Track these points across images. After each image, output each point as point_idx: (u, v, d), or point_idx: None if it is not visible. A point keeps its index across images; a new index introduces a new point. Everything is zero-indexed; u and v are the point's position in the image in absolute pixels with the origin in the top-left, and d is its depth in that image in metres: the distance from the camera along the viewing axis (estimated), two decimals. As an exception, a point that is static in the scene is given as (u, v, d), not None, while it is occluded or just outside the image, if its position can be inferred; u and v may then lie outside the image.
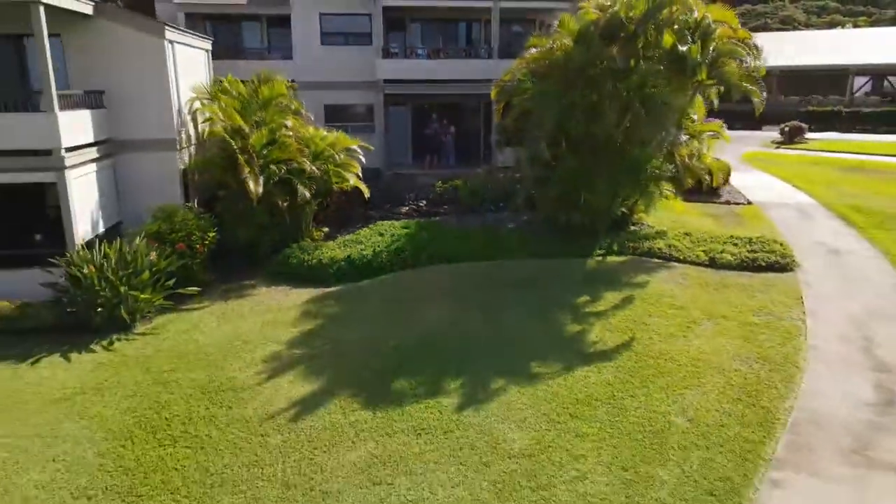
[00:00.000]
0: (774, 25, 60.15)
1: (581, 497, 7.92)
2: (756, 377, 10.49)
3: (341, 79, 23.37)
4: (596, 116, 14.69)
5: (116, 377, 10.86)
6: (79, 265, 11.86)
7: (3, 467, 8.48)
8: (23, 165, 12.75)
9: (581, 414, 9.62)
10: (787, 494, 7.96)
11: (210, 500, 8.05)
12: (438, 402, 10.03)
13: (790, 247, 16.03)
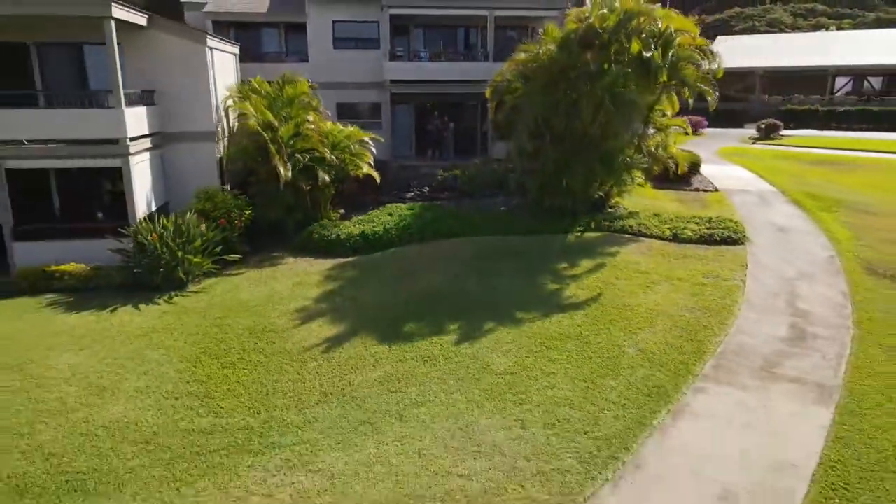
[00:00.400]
0: (762, 28, 62.60)
1: (550, 398, 10.46)
2: (697, 321, 13.01)
3: (352, 79, 25.89)
4: (575, 113, 17.23)
5: (180, 321, 13.41)
6: (144, 234, 14.40)
7: (109, 377, 11.04)
8: (94, 152, 15.30)
9: (553, 346, 12.15)
10: (707, 397, 10.49)
11: (265, 402, 10.60)
12: (440, 338, 12.57)
13: (744, 225, 18.55)
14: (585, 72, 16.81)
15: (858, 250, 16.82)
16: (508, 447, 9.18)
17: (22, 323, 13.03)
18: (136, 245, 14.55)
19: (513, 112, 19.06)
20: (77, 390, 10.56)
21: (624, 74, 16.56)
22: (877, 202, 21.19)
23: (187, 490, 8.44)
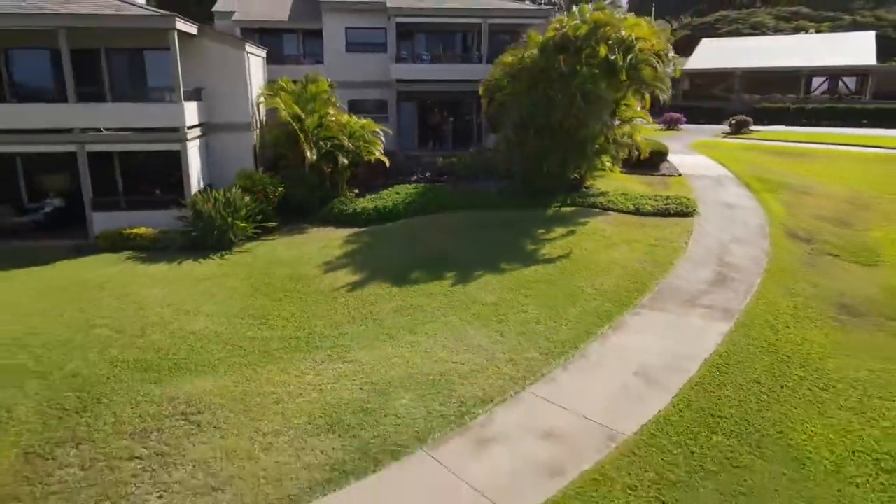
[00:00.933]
0: (745, 30, 66.00)
1: (522, 319, 13.91)
2: (644, 270, 16.46)
3: (362, 79, 29.29)
4: (553, 108, 20.65)
5: (233, 271, 16.88)
6: (201, 204, 17.85)
7: (190, 304, 14.51)
8: (158, 138, 18.77)
9: (528, 287, 15.60)
10: (641, 318, 13.94)
11: (307, 322, 14.04)
12: (440, 282, 16.02)
13: (696, 202, 21.98)
14: (561, 73, 20.22)
15: (786, 221, 20.30)
16: (489, 346, 12.65)
17: (113, 269, 16.50)
18: (194, 213, 18.00)
19: (501, 108, 22.52)
20: (169, 311, 14.03)
21: (593, 75, 19.97)
22: (815, 185, 24.67)
23: (259, 370, 11.90)
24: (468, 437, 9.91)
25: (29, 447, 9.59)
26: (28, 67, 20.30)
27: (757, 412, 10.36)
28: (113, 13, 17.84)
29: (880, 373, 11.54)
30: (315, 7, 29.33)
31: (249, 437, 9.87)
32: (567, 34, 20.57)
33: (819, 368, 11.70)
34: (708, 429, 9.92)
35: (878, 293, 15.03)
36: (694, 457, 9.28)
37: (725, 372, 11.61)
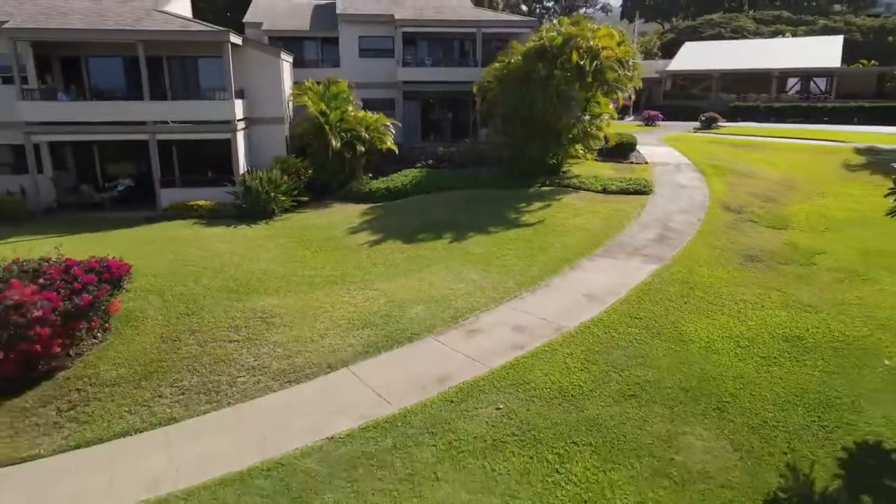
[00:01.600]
0: (727, 34, 70.40)
1: (503, 263, 18.37)
2: (601, 231, 20.94)
3: (373, 80, 33.69)
4: (533, 105, 25.10)
5: (277, 232, 21.38)
6: (249, 181, 22.33)
7: (250, 254, 18.99)
8: (214, 129, 23.26)
9: (509, 243, 20.08)
10: (593, 262, 18.41)
11: (340, 266, 18.50)
12: (440, 241, 20.49)
13: (654, 183, 26.47)
14: (540, 76, 24.69)
15: (725, 198, 24.79)
16: (478, 279, 17.14)
17: (186, 231, 20.99)
18: (243, 188, 22.46)
19: (492, 105, 27.02)
20: (236, 257, 18.53)
21: (566, 77, 24.44)
22: (757, 170, 29.15)
23: (309, 295, 16.38)
24: (461, 330, 14.43)
25: (162, 335, 14.10)
26: (104, 72, 24.75)
27: (662, 316, 14.87)
28: (181, 29, 22.34)
29: (758, 295, 16.04)
30: (332, 18, 33.80)
31: (309, 330, 14.37)
32: (545, 44, 25.07)
33: (715, 292, 16.21)
34: (625, 324, 14.44)
35: (778, 247, 19.54)
36: (612, 338, 13.81)
37: (647, 293, 16.12)
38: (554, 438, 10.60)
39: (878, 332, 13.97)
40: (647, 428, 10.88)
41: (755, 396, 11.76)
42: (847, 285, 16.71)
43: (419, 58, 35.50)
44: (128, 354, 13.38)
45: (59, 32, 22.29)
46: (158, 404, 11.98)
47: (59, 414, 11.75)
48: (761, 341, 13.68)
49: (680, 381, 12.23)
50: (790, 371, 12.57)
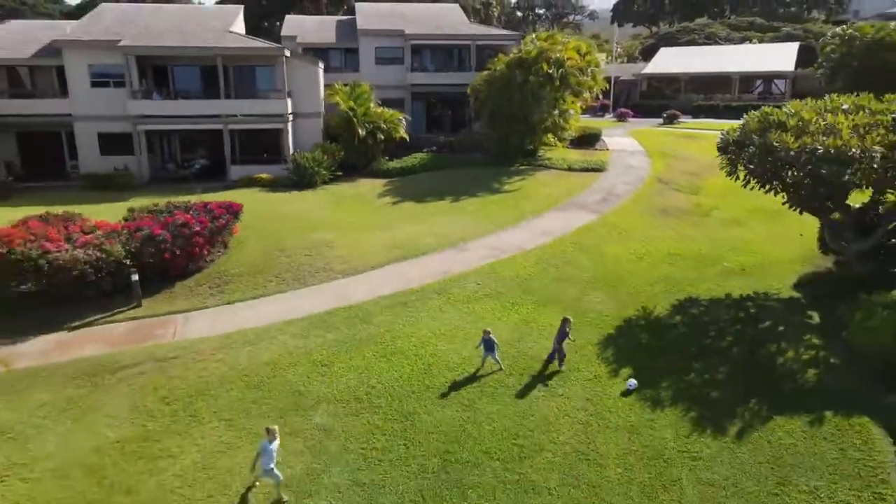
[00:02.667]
0: (701, 40, 77.81)
1: (488, 215, 25.88)
2: (562, 196, 28.43)
3: (386, 83, 40.98)
4: (513, 104, 32.56)
5: (322, 197, 28.85)
6: (299, 159, 29.80)
7: (306, 209, 26.52)
8: (271, 121, 30.78)
9: (492, 203, 27.61)
10: (551, 214, 25.96)
11: (372, 218, 26.00)
12: (442, 201, 27.97)
13: (609, 164, 33.95)
14: (518, 81, 32.16)
15: (660, 174, 32.29)
16: (469, 225, 24.67)
17: (255, 195, 28.43)
18: (294, 165, 29.91)
19: (482, 104, 34.47)
20: (297, 211, 26.00)
21: (538, 82, 31.87)
22: (693, 155, 36.62)
23: (352, 233, 23.79)
24: (456, 250, 21.99)
25: (262, 251, 21.59)
26: (185, 77, 32.21)
27: (591, 242, 22.43)
28: (249, 46, 29.86)
29: (659, 232, 23.54)
30: (353, 32, 41.30)
31: (356, 250, 21.89)
32: (523, 56, 32.57)
33: (630, 231, 23.74)
34: (565, 247, 21.99)
35: (687, 205, 27.08)
36: (554, 253, 21.35)
37: (584, 231, 23.67)
38: (510, 297, 18.14)
39: (730, 253, 21.53)
40: (567, 293, 18.43)
41: (636, 280, 19.29)
42: (725, 228, 24.29)
43: (424, 64, 42.95)
44: (243, 261, 20.91)
45: (162, 49, 29.89)
46: (267, 286, 19.52)
47: (211, 289, 19.29)
48: (651, 255, 21.24)
49: (592, 274, 19.78)
50: (662, 269, 20.11)
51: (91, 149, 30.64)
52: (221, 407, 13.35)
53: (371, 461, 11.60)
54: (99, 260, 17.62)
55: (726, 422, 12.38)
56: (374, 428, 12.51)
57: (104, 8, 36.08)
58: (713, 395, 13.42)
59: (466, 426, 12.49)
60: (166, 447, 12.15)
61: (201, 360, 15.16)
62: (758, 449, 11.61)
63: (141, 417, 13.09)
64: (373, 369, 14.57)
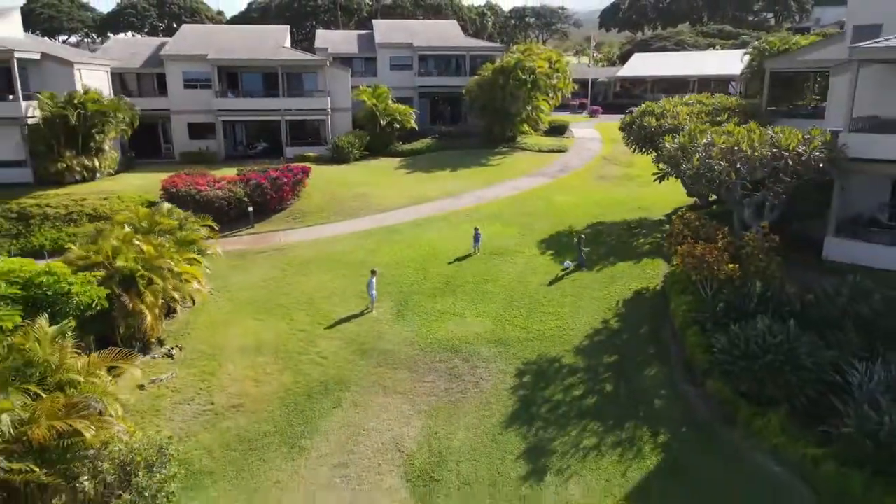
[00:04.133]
0: (671, 47, 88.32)
1: (476, 178, 36.56)
2: (531, 168, 39.07)
3: (398, 85, 51.43)
4: (496, 101, 43.18)
5: (355, 169, 39.42)
6: (338, 142, 40.37)
7: (346, 175, 37.17)
8: (315, 114, 41.38)
9: (480, 172, 38.28)
10: (521, 179, 36.61)
11: (391, 181, 36.65)
12: (443, 171, 38.64)
13: (571, 147, 44.58)
14: (500, 84, 42.74)
15: (607, 153, 42.92)
16: (463, 184, 35.36)
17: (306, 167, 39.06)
18: (334, 146, 40.47)
19: (474, 101, 45.12)
20: (340, 176, 36.59)
21: (515, 84, 42.48)
22: (638, 140, 47.19)
23: (379, 188, 34.43)
24: (452, 198, 32.67)
25: (322, 198, 32.23)
26: (250, 80, 42.73)
27: (545, 194, 33.12)
28: (301, 58, 40.42)
29: (594, 190, 34.22)
30: (371, 44, 51.88)
31: (386, 198, 32.53)
32: (503, 65, 43.19)
33: (575, 188, 34.38)
34: (526, 197, 32.67)
35: (619, 174, 37.71)
36: (519, 201, 32.03)
37: (542, 188, 34.33)
38: (487, 221, 28.72)
39: (635, 200, 32.09)
40: (523, 220, 29.04)
41: (570, 215, 29.89)
42: (640, 188, 34.81)
43: (429, 70, 53.42)
44: (311, 204, 31.53)
45: (238, 60, 40.55)
46: (329, 217, 30.15)
47: (294, 219, 29.94)
48: (584, 202, 31.83)
49: (542, 211, 30.41)
50: (589, 209, 30.74)
51: (182, 134, 41.21)
52: (318, 268, 23.97)
53: (406, 287, 22.17)
54: (228, 197, 28.23)
55: (594, 265, 22.99)
56: (406, 274, 23.10)
57: (186, 28, 46.72)
58: (594, 257, 24.00)
59: (458, 272, 23.11)
60: (294, 280, 22.81)
61: (301, 250, 25.81)
62: (600, 272, 22.25)
63: (276, 271, 23.74)
64: (403, 253, 25.17)
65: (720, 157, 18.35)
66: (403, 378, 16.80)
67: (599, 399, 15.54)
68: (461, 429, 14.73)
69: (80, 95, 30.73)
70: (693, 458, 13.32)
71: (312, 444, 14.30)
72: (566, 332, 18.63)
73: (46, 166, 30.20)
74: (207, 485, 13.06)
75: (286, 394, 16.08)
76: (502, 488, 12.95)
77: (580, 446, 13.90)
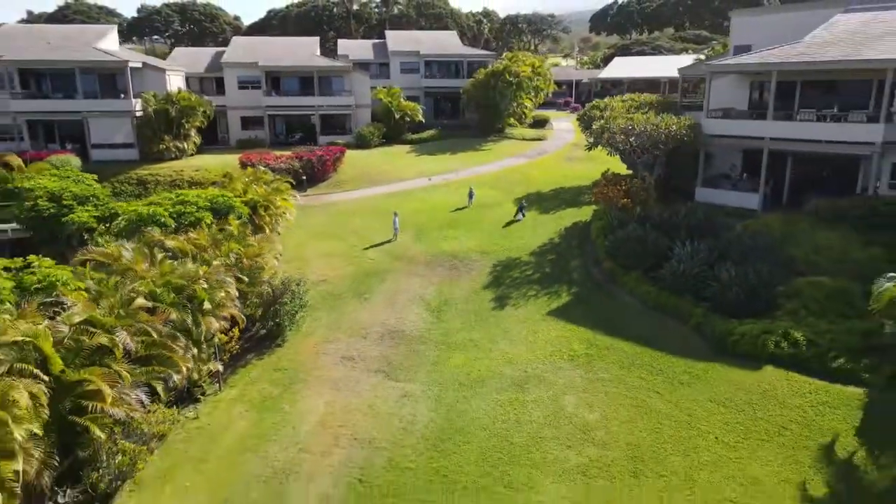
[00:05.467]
0: (648, 51, 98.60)
1: (470, 159, 46.96)
2: (516, 152, 49.46)
3: (408, 86, 61.65)
4: (487, 99, 53.51)
5: (374, 153, 49.80)
6: (362, 131, 50.67)
7: (367, 157, 47.56)
8: (342, 109, 51.75)
9: (476, 154, 48.68)
10: (507, 159, 47.01)
11: (406, 160, 47.03)
12: (445, 154, 49.01)
13: (550, 136, 54.94)
14: (491, 85, 53.04)
15: (577, 141, 53.17)
16: (461, 164, 45.79)
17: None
18: (357, 135, 50.70)
19: (470, 99, 55.46)
20: (363, 158, 46.96)
21: (502, 86, 52.80)
22: (605, 131, 57.64)
23: (396, 167, 44.84)
24: (452, 173, 43.08)
25: (355, 172, 42.62)
26: (288, 83, 52.97)
27: (524, 171, 43.56)
28: (332, 65, 50.69)
29: (562, 167, 44.62)
30: (385, 52, 62.21)
31: (401, 172, 42.94)
32: (494, 69, 53.56)
33: (547, 167, 44.82)
34: (509, 172, 43.10)
35: (583, 156, 47.73)
36: (503, 175, 42.47)
37: (523, 166, 44.76)
38: (478, 186, 39.02)
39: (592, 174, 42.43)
40: (506, 186, 39.41)
41: (540, 183, 40.26)
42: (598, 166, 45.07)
43: (433, 73, 63.67)
44: (346, 176, 41.93)
45: (282, 67, 50.78)
46: (360, 185, 40.54)
47: (335, 187, 40.38)
48: (552, 176, 42.22)
49: (519, 181, 40.82)
50: (555, 180, 41.15)
51: (236, 125, 51.48)
52: (357, 215, 34.34)
53: (420, 225, 32.48)
54: (288, 169, 38.53)
55: (551, 210, 33.29)
56: (420, 218, 33.41)
57: (237, 40, 57.27)
58: (551, 208, 34.23)
59: (456, 216, 33.48)
60: (342, 221, 33.28)
61: (343, 205, 36.22)
62: (554, 215, 32.57)
63: (329, 217, 34.19)
64: (417, 206, 35.47)
65: (620, 133, 28.74)
66: (422, 269, 27.14)
67: (541, 275, 25.88)
68: (458, 290, 25.07)
69: (175, 94, 41.08)
70: (589, 296, 23.68)
71: (371, 297, 24.65)
72: (526, 246, 28.97)
73: (150, 147, 40.56)
74: (316, 310, 23.42)
75: (352, 275, 26.45)
76: (480, 313, 23.27)
77: (526, 295, 24.24)
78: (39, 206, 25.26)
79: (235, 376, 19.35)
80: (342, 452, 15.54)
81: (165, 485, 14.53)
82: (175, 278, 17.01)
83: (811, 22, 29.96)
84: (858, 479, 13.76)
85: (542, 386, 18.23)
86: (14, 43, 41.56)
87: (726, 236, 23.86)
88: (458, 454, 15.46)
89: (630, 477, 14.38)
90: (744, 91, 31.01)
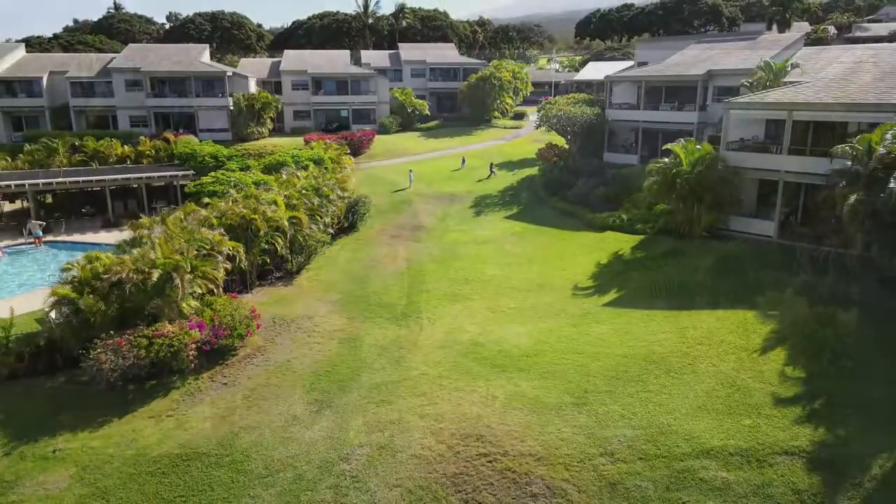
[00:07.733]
0: (619, 57, 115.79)
1: (465, 140, 64.51)
2: (498, 136, 67.01)
3: (417, 88, 78.93)
4: (477, 98, 70.97)
5: (394, 138, 67.32)
6: (384, 121, 68.07)
7: (388, 140, 65.06)
8: (369, 105, 69.20)
9: (469, 138, 66.34)
10: (490, 141, 64.57)
11: (419, 143, 64.57)
12: (446, 139, 66.55)
13: (525, 126, 72.41)
14: (480, 87, 70.46)
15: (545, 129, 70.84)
16: (457, 144, 63.43)
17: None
18: (380, 124, 68.00)
19: (465, 97, 72.94)
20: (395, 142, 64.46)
21: (489, 88, 70.23)
22: (568, 122, 75.15)
23: (411, 147, 62.37)
24: (451, 149, 60.70)
25: (381, 148, 60.24)
26: (327, 86, 70.25)
27: (502, 148, 61.16)
28: (363, 72, 68.03)
29: (532, 145, 62.19)
30: (398, 61, 79.70)
31: (414, 149, 60.57)
32: (482, 75, 71.06)
33: (520, 146, 62.32)
34: (490, 149, 60.70)
35: (545, 138, 65.52)
36: (487, 150, 60.04)
37: (502, 145, 62.37)
38: (469, 158, 56.56)
39: (550, 149, 60.03)
40: (486, 157, 56.99)
41: (511, 155, 57.87)
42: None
43: (436, 77, 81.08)
44: (377, 151, 59.57)
45: (326, 74, 68.09)
46: (386, 157, 58.12)
47: (369, 159, 58.08)
48: (522, 151, 59.66)
49: (497, 154, 58.42)
50: (525, 153, 58.64)
51: (290, 117, 68.93)
52: (386, 174, 51.91)
53: (428, 178, 50.00)
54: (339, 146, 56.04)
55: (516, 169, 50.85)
56: (429, 174, 50.93)
57: (289, 53, 74.86)
58: (513, 168, 51.72)
59: (453, 174, 51.18)
60: (376, 176, 50.88)
61: (376, 169, 53.76)
62: (517, 174, 50.13)
63: (369, 175, 51.73)
64: (426, 168, 52.95)
65: (554, 118, 46.32)
66: (431, 201, 44.60)
67: (503, 204, 43.36)
68: (453, 209, 42.60)
69: (258, 94, 58.57)
70: (528, 209, 41.27)
71: (403, 212, 42.19)
72: (495, 188, 46.50)
73: (240, 131, 58.04)
74: (372, 218, 41.01)
75: (389, 203, 44.01)
76: (465, 218, 40.81)
77: (493, 210, 41.77)
78: (206, 160, 42.79)
79: (336, 242, 36.86)
80: (399, 262, 33.08)
81: (319, 271, 32.08)
82: (312, 184, 34.50)
83: (677, 49, 47.66)
84: (625, 262, 31.28)
85: (496, 243, 35.71)
86: (142, 58, 59.11)
87: (608, 175, 41.46)
88: (450, 263, 32.94)
89: (529, 263, 31.93)
90: (633, 92, 48.57)
